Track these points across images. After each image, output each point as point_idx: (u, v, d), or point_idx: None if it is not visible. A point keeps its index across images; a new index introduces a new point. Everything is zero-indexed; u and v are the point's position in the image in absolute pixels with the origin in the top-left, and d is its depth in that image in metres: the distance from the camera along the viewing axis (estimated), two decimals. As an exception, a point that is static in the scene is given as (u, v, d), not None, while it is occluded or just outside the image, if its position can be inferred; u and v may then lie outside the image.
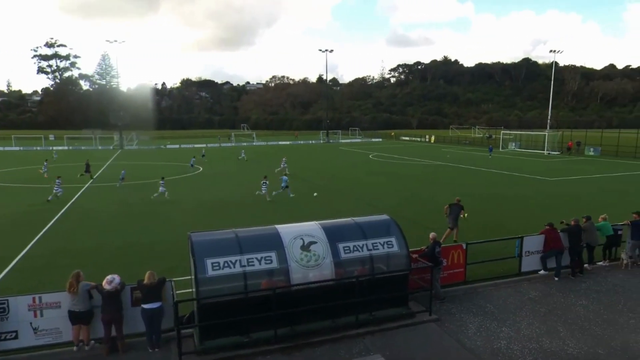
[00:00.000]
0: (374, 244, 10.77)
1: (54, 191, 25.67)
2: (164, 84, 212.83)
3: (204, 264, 9.56)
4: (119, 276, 9.75)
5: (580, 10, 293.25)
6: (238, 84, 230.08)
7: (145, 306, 9.57)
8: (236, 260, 9.73)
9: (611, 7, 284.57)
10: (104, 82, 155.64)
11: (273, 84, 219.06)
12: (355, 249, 10.58)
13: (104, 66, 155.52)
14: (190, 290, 10.68)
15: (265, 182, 26.70)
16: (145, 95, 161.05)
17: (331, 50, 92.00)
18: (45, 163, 38.11)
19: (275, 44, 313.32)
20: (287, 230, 10.66)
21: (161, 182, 27.14)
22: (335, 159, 51.75)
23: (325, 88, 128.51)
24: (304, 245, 10.29)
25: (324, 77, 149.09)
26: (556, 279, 13.26)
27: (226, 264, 9.65)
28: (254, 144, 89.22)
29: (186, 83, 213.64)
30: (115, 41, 76.15)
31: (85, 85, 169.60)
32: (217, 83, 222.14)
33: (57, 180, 26.16)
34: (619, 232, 14.78)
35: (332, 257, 10.31)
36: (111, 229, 19.59)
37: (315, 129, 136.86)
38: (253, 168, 42.99)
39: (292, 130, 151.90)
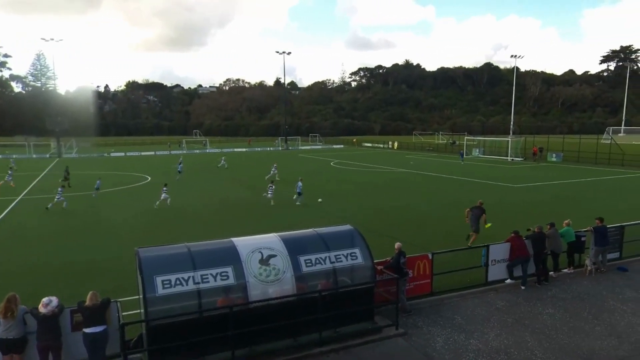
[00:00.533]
0: (337, 256, 10.78)
1: (57, 199, 26.32)
2: (107, 86, 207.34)
3: (153, 281, 9.28)
4: (56, 298, 9.29)
5: (539, 15, 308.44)
6: (189, 87, 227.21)
7: (87, 330, 9.15)
8: (189, 277, 9.51)
9: (568, 13, 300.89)
10: (39, 84, 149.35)
11: (227, 88, 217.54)
12: (317, 261, 10.56)
13: (38, 67, 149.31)
14: (139, 311, 10.33)
15: (272, 187, 28.68)
16: (86, 99, 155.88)
17: (289, 53, 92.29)
18: (10, 172, 37.70)
19: (229, 45, 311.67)
20: (245, 243, 10.52)
21: (164, 188, 27.86)
22: (295, 167, 51.74)
23: (283, 92, 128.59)
24: (263, 259, 10.18)
25: (282, 81, 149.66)
26: (522, 287, 13.70)
27: (178, 282, 9.41)
28: (207, 151, 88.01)
29: (132, 86, 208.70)
30: (52, 39, 73.39)
31: (17, 87, 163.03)
32: (166, 86, 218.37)
33: (59, 189, 27.21)
34: (582, 239, 15.47)
35: (293, 271, 10.24)
36: (48, 245, 18.75)
37: (273, 135, 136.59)
38: (222, 176, 42.35)
39: (249, 136, 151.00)
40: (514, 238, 14.19)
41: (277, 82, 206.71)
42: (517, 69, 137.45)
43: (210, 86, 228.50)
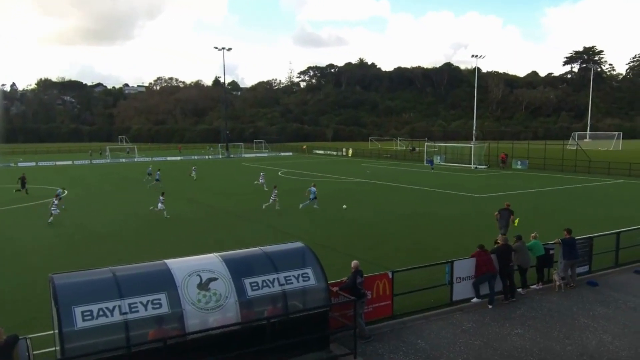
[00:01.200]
0: (287, 278, 10.70)
1: (53, 212, 27.18)
2: (13, 85, 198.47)
3: (71, 313, 8.85)
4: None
5: (500, 13, 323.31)
6: (113, 87, 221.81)
7: (-11, 375, 8.61)
8: (114, 307, 9.14)
9: (530, 11, 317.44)
10: None
11: (158, 87, 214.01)
12: (264, 284, 10.44)
13: None
14: (54, 348, 9.83)
15: (275, 192, 31.10)
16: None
17: (229, 49, 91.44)
18: None
19: (160, 39, 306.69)
20: (180, 265, 10.28)
21: (161, 198, 29.08)
22: (238, 177, 51.30)
23: (223, 93, 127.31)
24: (202, 283, 9.97)
25: (222, 80, 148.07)
26: (490, 306, 14.09)
27: (101, 312, 9.02)
28: (136, 160, 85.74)
29: (44, 84, 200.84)
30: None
31: None
32: (86, 85, 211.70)
33: (54, 200, 28.18)
34: (551, 252, 16.12)
35: (237, 296, 10.08)
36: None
37: (212, 142, 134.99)
38: (153, 188, 41.18)
39: (184, 142, 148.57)
40: (480, 253, 14.58)
41: (216, 81, 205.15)
42: (479, 69, 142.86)
43: (138, 85, 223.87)
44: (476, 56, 73.85)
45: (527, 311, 13.81)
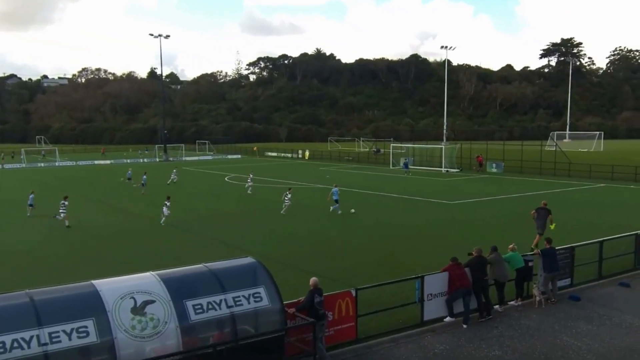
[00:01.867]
0: (236, 299, 10.61)
1: (62, 213, 29.00)
2: None
3: (-22, 346, 8.50)
4: None
5: (470, 0, 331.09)
6: (30, 79, 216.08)
7: None
8: (32, 337, 8.87)
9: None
10: None
11: (83, 80, 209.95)
12: (210, 307, 10.32)
13: None
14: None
15: (287, 194, 32.70)
16: None
17: (167, 36, 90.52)
18: None
19: (85, 24, 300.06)
20: (111, 286, 10.09)
21: (166, 202, 30.22)
22: (177, 183, 50.53)
23: (160, 86, 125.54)
24: (137, 306, 9.78)
25: (158, 72, 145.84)
26: (464, 326, 14.33)
27: (16, 344, 8.73)
28: (57, 164, 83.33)
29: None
30: None
31: None
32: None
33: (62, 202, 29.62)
34: (530, 264, 16.54)
35: (178, 321, 9.92)
36: None
37: (147, 143, 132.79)
38: (77, 196, 40.12)
39: (114, 144, 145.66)
40: (453, 266, 14.80)
41: (152, 73, 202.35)
42: (449, 62, 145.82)
43: (59, 77, 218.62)
44: (446, 47, 75.66)
45: (505, 330, 14.11)
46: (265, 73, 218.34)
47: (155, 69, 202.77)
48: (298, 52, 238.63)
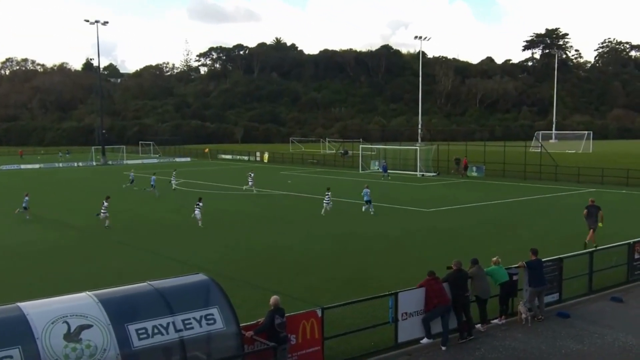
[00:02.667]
0: (186, 322, 10.51)
1: (103, 214, 32.03)
2: None
3: None
4: None
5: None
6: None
7: None
8: (-54, 370, 8.58)
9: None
10: None
11: (7, 72, 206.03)
12: (156, 331, 10.20)
13: None
14: None
15: (328, 194, 35.51)
16: None
17: (105, 23, 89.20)
18: None
19: (9, 8, 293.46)
20: (40, 310, 9.92)
21: (199, 203, 32.27)
22: (118, 191, 49.78)
23: (98, 80, 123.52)
24: (71, 332, 9.62)
25: (95, 64, 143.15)
26: (443, 348, 14.44)
27: None
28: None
29: None
30: None
31: None
32: None
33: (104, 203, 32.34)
34: (515, 278, 16.77)
35: (119, 348, 9.78)
36: None
37: (83, 144, 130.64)
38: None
39: (44, 145, 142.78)
40: (430, 281, 14.89)
41: (88, 65, 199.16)
42: (423, 54, 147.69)
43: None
44: (420, 38, 76.59)
45: (488, 352, 14.27)
46: (218, 65, 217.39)
47: (91, 60, 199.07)
48: (255, 41, 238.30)
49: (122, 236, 29.48)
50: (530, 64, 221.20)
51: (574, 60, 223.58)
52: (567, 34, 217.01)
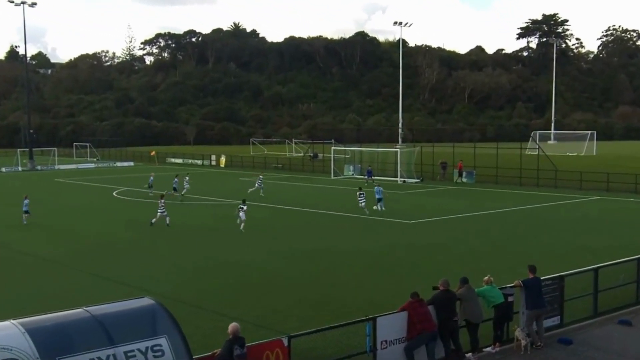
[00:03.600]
0: (129, 354, 10.36)
1: (160, 213, 36.10)
2: None
3: None
4: None
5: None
6: None
7: None
8: None
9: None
10: None
11: None
12: (93, 365, 10.04)
13: None
14: None
15: (363, 193, 40.86)
16: None
17: (32, 4, 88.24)
18: None
19: None
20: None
21: (243, 206, 34.98)
22: (47, 202, 49.21)
23: (24, 71, 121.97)
24: (-10, 368, 9.39)
25: (21, 52, 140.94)
26: (428, 381, 14.46)
27: None
28: None
29: None
30: None
31: None
32: None
33: (161, 201, 36.79)
34: (510, 299, 16.86)
35: (49, 387, 9.59)
36: None
37: (6, 146, 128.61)
38: None
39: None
40: (413, 304, 14.89)
41: (13, 53, 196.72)
42: (404, 42, 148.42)
43: None
44: (399, 24, 76.78)
45: (479, 385, 14.32)
46: (166, 54, 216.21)
47: (16, 47, 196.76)
48: (210, 27, 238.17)
49: (55, 254, 29.02)
50: (525, 54, 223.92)
51: (575, 51, 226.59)
52: (566, 21, 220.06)
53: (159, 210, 36.17)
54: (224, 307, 19.61)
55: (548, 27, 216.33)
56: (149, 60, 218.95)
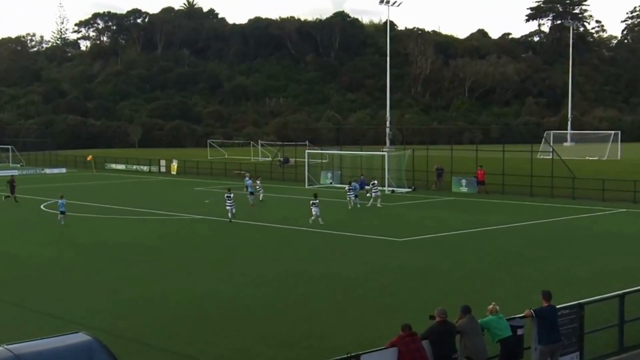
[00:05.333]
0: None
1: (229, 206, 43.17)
2: None
3: None
4: None
5: None
6: None
7: None
8: None
9: None
10: None
11: None
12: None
13: None
14: None
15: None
16: None
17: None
18: None
19: None
20: None
21: (314, 200, 41.82)
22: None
23: None
24: None
25: None
26: None
27: None
28: None
29: None
30: None
31: None
32: None
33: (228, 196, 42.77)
34: (520, 332, 16.86)
35: None
36: None
37: None
38: None
39: None
40: (405, 339, 14.87)
41: None
42: (392, 25, 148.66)
43: None
44: (386, 2, 76.50)
45: None
46: (105, 38, 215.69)
47: None
48: (158, 6, 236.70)
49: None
50: (536, 39, 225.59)
51: (595, 35, 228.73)
52: (585, 0, 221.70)
53: (227, 205, 43.42)
54: (176, 344, 19.43)
55: (563, 7, 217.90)
56: (84, 45, 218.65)
